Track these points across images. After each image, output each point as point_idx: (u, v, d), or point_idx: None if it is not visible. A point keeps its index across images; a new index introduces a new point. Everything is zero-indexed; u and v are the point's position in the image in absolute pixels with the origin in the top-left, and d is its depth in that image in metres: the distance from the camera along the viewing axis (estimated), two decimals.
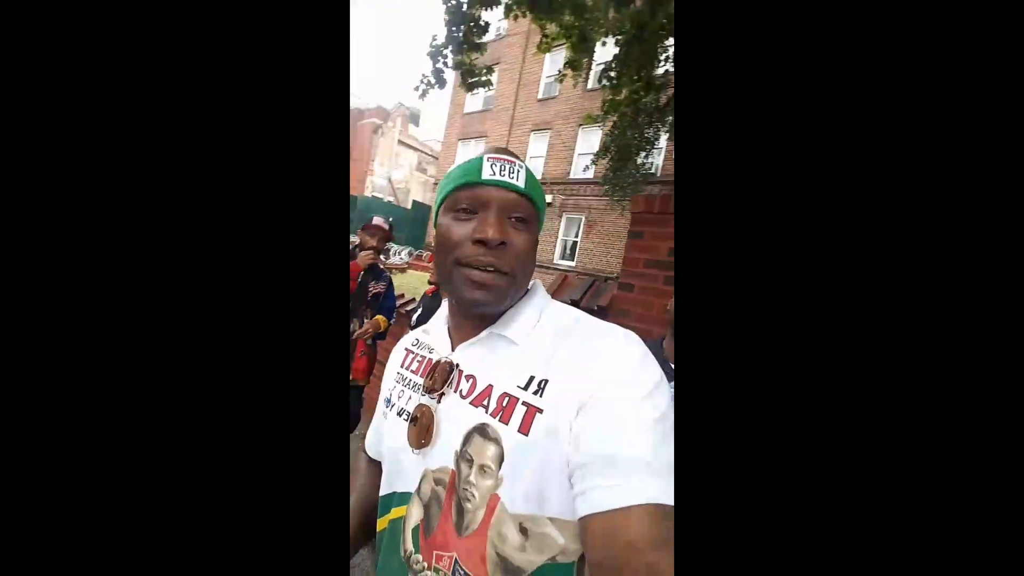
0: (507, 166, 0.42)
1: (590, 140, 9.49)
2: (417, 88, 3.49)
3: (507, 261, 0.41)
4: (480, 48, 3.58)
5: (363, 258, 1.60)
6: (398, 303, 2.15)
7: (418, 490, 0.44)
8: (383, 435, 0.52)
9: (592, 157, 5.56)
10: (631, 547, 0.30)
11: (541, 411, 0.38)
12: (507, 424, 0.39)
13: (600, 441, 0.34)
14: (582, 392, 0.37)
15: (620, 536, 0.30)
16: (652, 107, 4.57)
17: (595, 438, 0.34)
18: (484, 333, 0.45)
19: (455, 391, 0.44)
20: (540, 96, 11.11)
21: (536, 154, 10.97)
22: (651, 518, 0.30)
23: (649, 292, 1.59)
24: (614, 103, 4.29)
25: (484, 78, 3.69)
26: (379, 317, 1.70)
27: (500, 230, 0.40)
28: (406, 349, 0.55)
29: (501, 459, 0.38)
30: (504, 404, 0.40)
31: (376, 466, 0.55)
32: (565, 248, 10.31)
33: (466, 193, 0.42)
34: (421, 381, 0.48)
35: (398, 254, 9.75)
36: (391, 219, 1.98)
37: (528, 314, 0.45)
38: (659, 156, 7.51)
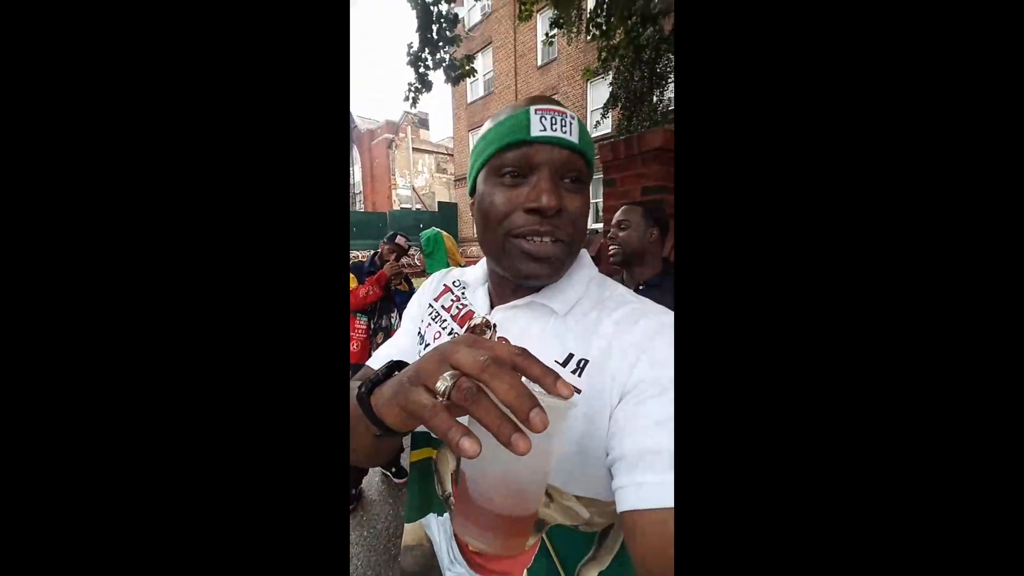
0: (558, 118, 0.37)
1: (601, 93, 9.07)
2: (407, 98, 3.63)
3: (564, 228, 0.38)
4: (455, 41, 3.69)
5: (389, 267, 2.09)
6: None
7: None
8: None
9: (601, 111, 5.38)
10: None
11: (579, 392, 0.36)
12: None
13: (647, 433, 0.31)
14: (626, 379, 0.34)
15: (669, 534, 0.27)
16: (656, 39, 4.17)
17: (642, 430, 0.32)
18: (525, 300, 0.42)
19: None
20: (539, 63, 10.75)
21: None
22: None
23: None
24: (610, 49, 4.12)
25: (467, 68, 3.80)
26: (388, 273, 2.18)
27: (556, 196, 0.36)
28: (444, 285, 0.53)
29: None
30: None
31: None
32: (596, 209, 10.12)
33: (512, 154, 0.37)
34: (460, 330, 0.46)
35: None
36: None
37: (574, 285, 0.41)
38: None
